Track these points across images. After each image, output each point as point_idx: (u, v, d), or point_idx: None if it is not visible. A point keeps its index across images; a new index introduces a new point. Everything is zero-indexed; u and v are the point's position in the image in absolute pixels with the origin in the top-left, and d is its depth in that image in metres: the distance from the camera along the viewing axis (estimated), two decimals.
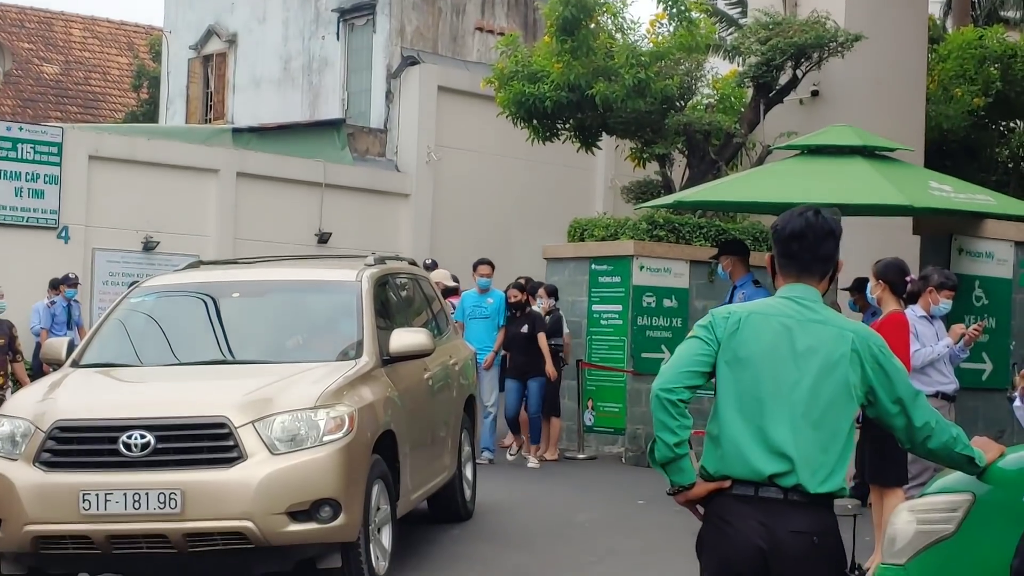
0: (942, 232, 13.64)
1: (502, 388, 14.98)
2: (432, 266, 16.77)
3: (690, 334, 4.53)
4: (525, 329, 14.62)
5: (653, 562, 9.62)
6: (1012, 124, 22.14)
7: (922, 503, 4.94)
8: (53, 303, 18.64)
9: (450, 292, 15.40)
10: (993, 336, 13.34)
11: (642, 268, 15.39)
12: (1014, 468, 4.73)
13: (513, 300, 14.75)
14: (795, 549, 4.27)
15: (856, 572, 4.42)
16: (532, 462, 14.59)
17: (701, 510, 4.46)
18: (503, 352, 14.92)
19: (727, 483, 4.36)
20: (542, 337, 14.55)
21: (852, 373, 4.38)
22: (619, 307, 15.39)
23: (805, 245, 4.50)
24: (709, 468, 4.41)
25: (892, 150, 13.21)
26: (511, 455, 15.08)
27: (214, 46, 27.99)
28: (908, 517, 4.92)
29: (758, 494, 4.31)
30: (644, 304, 15.35)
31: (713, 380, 4.49)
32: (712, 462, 4.41)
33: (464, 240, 23.25)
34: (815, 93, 17.92)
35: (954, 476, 4.81)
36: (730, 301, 11.62)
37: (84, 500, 7.49)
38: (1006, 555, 4.35)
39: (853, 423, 4.42)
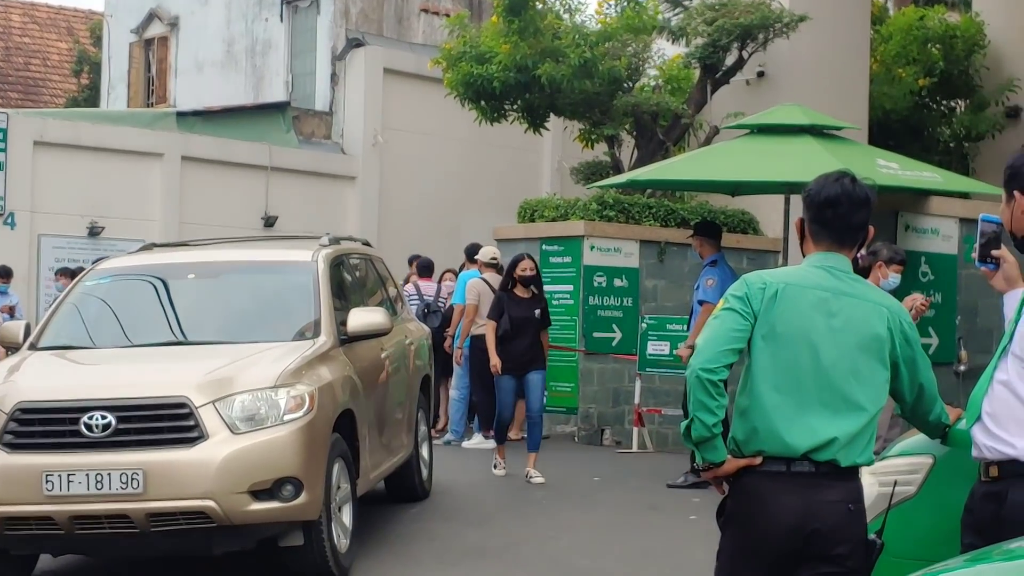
0: (887, 209, 13.82)
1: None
2: (473, 250, 15.34)
3: (724, 305, 4.38)
4: (538, 313, 12.21)
5: (613, 537, 9.68)
6: (953, 104, 22.38)
7: (884, 466, 5.04)
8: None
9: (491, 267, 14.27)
10: (939, 311, 13.57)
11: (593, 248, 15.51)
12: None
13: (529, 273, 12.20)
14: (831, 517, 4.26)
15: (879, 539, 4.37)
16: (537, 476, 12.06)
17: (726, 486, 4.40)
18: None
19: (758, 460, 4.30)
20: (545, 334, 12.37)
21: (885, 349, 4.38)
22: (570, 287, 15.50)
23: (839, 213, 4.39)
24: (739, 440, 4.35)
25: (839, 128, 13.37)
26: (498, 470, 12.41)
27: (156, 30, 27.78)
28: (870, 480, 5.02)
29: (790, 470, 4.27)
30: (595, 284, 15.48)
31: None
32: (742, 435, 4.35)
33: (412, 223, 23.29)
34: (761, 74, 18.08)
35: (915, 439, 4.93)
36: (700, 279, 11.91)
37: (47, 481, 7.49)
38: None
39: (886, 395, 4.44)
